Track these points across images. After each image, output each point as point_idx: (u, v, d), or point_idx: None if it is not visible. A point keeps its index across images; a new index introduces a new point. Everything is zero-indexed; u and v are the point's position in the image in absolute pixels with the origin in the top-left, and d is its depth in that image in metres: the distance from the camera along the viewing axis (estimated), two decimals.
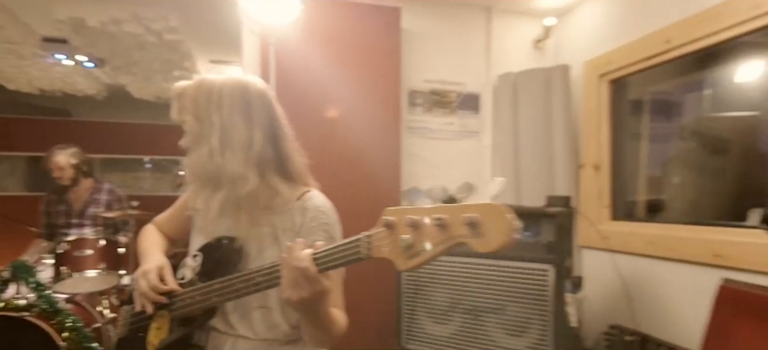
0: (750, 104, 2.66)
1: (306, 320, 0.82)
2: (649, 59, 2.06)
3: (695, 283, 1.88)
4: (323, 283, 0.73)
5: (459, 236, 0.56)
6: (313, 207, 0.92)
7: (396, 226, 0.62)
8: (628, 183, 2.48)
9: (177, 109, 0.92)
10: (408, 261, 0.60)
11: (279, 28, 1.73)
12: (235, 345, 0.92)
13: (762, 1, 1.56)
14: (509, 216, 0.53)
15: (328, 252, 0.73)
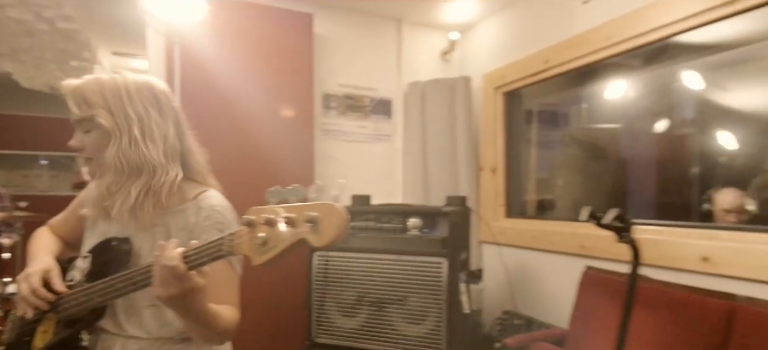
0: (615, 117, 3.11)
1: (180, 316, 0.83)
2: (533, 75, 2.34)
3: (567, 271, 2.18)
4: (193, 281, 0.75)
5: (302, 232, 0.63)
6: (208, 207, 0.93)
7: (255, 225, 0.68)
8: (521, 185, 2.79)
9: (76, 103, 0.90)
10: (262, 256, 0.66)
11: (184, 28, 1.72)
12: (126, 346, 0.91)
13: (613, 33, 1.87)
14: (342, 215, 0.61)
15: (198, 250, 0.76)
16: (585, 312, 2.00)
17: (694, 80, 2.94)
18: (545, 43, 2.27)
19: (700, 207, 2.82)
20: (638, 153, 3.22)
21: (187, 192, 0.95)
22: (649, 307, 1.71)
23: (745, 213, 2.48)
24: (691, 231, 1.70)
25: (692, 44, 2.36)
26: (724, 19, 1.56)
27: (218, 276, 0.91)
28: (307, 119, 2.42)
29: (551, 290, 2.33)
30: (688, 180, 3.17)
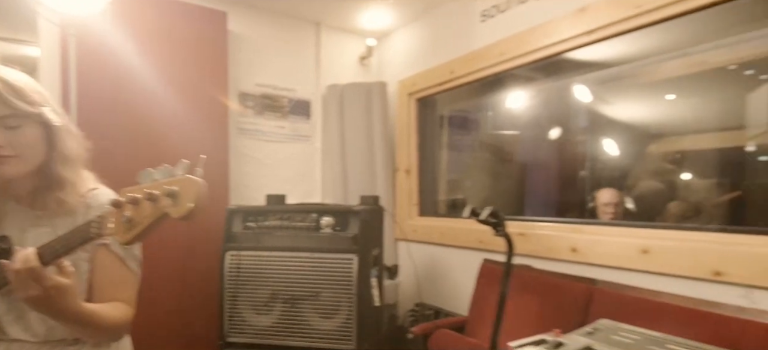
0: (517, 124, 3.45)
1: (52, 318, 0.81)
2: (440, 84, 2.54)
3: (470, 264, 2.39)
4: (54, 280, 0.74)
5: (164, 206, 0.65)
6: (98, 205, 0.93)
7: (122, 205, 0.69)
8: (433, 185, 2.99)
9: (12, 98, 0.85)
10: (126, 234, 0.68)
11: (81, 19, 1.64)
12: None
13: (506, 49, 2.10)
14: (199, 185, 0.65)
15: (57, 241, 0.75)
16: (481, 300, 2.22)
17: (583, 93, 3.35)
18: (451, 55, 2.47)
19: (586, 205, 3.22)
20: (537, 157, 3.59)
21: (75, 190, 0.93)
22: (529, 291, 1.95)
23: (620, 207, 2.90)
24: (562, 225, 1.97)
25: (582, 61, 2.70)
26: (601, 41, 1.82)
27: (111, 275, 0.92)
28: (221, 118, 2.40)
29: (457, 282, 2.54)
30: (578, 182, 3.59)
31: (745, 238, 1.38)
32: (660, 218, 2.91)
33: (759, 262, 1.31)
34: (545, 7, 1.94)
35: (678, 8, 1.47)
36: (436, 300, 2.66)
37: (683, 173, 3.26)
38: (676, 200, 3.12)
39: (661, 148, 3.45)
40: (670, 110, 3.36)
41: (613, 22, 1.66)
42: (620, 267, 1.69)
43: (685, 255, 1.48)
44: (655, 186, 3.26)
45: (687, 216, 2.91)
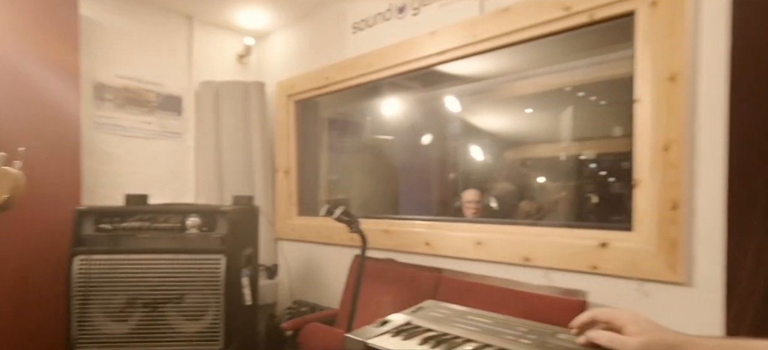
0: (395, 129, 3.71)
1: None
2: (317, 89, 2.64)
3: (343, 260, 2.53)
4: None
5: None
6: None
7: None
8: (314, 186, 3.08)
9: None
10: None
11: None
12: None
13: (373, 61, 2.28)
14: (14, 177, 0.70)
15: None
16: (350, 293, 2.38)
17: (453, 104, 3.73)
18: (326, 61, 2.59)
19: (454, 203, 3.59)
20: (412, 160, 3.90)
21: None
22: (391, 282, 2.16)
23: (481, 205, 3.29)
24: (418, 222, 2.21)
25: (452, 74, 3.02)
26: (450, 61, 2.07)
27: None
28: (70, 110, 2.18)
29: (332, 278, 2.66)
30: (448, 183, 3.99)
31: (547, 231, 1.72)
32: (514, 215, 3.39)
33: (555, 249, 1.65)
34: (406, 27, 2.16)
35: (501, 41, 1.77)
36: (313, 296, 2.76)
37: (533, 176, 3.82)
38: (526, 199, 3.65)
39: (516, 154, 4.00)
40: (522, 122, 3.91)
41: (456, 46, 1.93)
42: (461, 257, 1.96)
43: (506, 245, 1.79)
44: (509, 187, 3.77)
45: (532, 214, 3.43)
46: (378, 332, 0.96)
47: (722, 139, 1.26)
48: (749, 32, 1.18)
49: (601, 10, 1.46)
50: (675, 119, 1.31)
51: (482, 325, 1.03)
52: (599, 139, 2.85)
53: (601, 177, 2.71)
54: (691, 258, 1.35)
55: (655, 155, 1.36)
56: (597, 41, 1.99)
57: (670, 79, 1.32)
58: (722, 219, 1.27)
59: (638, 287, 1.47)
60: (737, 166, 1.23)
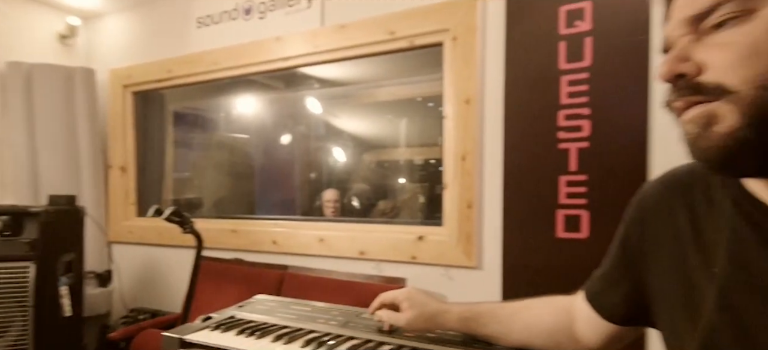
0: (257, 127, 3.67)
1: None
2: (158, 81, 2.48)
3: (187, 262, 2.42)
4: None
5: None
6: None
7: None
8: (157, 184, 2.87)
9: None
10: None
11: None
12: None
13: (220, 59, 2.25)
14: None
15: None
16: (195, 294, 2.31)
17: (315, 106, 3.83)
18: (168, 53, 2.45)
19: (314, 203, 3.69)
20: (271, 159, 3.90)
21: None
22: (237, 282, 2.16)
23: (339, 204, 3.45)
24: (266, 222, 2.26)
25: (316, 77, 3.09)
26: (302, 66, 2.16)
27: None
28: None
29: (175, 282, 2.53)
30: (308, 183, 4.08)
31: (378, 227, 1.94)
32: (371, 213, 3.63)
33: (385, 243, 1.87)
34: (252, 29, 2.18)
35: (340, 54, 1.93)
36: (155, 302, 2.58)
37: (389, 177, 4.14)
38: (383, 199, 3.94)
39: (374, 157, 4.28)
40: (380, 127, 4.21)
41: (301, 54, 2.03)
42: (306, 253, 2.07)
43: (345, 241, 1.96)
44: (366, 187, 4.03)
45: (386, 212, 3.73)
46: (197, 328, 0.99)
47: (500, 151, 1.60)
48: (516, 69, 1.54)
49: (419, 38, 1.72)
50: (470, 134, 1.62)
51: (301, 313, 1.13)
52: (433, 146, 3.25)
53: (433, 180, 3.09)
54: (481, 247, 1.68)
55: (456, 163, 1.66)
56: (437, 60, 2.30)
57: (466, 102, 1.62)
58: (500, 215, 1.61)
59: (445, 272, 1.76)
60: (510, 173, 1.58)
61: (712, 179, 0.54)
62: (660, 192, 0.62)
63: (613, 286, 0.68)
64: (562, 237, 1.50)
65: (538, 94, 1.49)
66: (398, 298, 0.88)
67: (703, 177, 0.55)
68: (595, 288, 0.72)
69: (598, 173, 1.42)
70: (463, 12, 1.62)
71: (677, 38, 0.47)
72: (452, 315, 0.83)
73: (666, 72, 0.46)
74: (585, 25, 1.40)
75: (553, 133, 1.47)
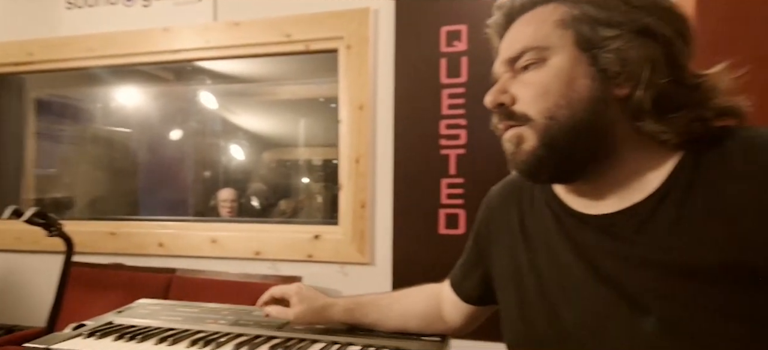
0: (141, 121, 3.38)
1: None
2: (16, 65, 2.18)
3: (55, 269, 2.16)
4: None
5: None
6: None
7: None
8: (14, 181, 2.50)
9: None
10: None
11: None
12: None
13: (96, 46, 2.05)
14: None
15: None
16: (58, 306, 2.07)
17: (211, 101, 3.64)
18: (29, 34, 2.16)
19: (209, 203, 3.51)
20: (161, 157, 3.62)
21: None
22: (117, 288, 2.00)
23: (236, 203, 3.33)
24: (151, 223, 2.12)
25: (210, 71, 2.93)
26: (192, 60, 2.06)
27: None
28: None
29: (40, 292, 2.24)
30: (203, 182, 3.87)
31: (274, 227, 1.96)
32: (273, 213, 3.56)
33: (281, 243, 1.89)
34: (135, 17, 2.02)
35: (234, 51, 1.91)
36: (13, 317, 2.26)
37: (291, 176, 4.10)
38: (284, 198, 3.89)
39: (275, 156, 4.20)
40: (282, 125, 4.15)
41: (192, 47, 1.95)
42: (197, 255, 2.00)
43: (240, 241, 1.94)
44: (264, 187, 3.94)
45: (287, 212, 3.69)
46: (67, 336, 0.93)
47: (391, 155, 1.73)
48: (405, 81, 1.68)
49: (315, 43, 1.77)
50: (363, 139, 1.73)
51: (189, 315, 1.11)
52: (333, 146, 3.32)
53: (333, 180, 3.17)
54: (373, 244, 1.80)
55: (351, 166, 1.75)
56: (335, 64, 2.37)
57: (360, 108, 1.72)
58: (391, 214, 1.74)
59: (340, 269, 1.84)
60: (399, 176, 1.72)
61: (535, 184, 0.69)
62: (501, 195, 0.77)
63: (470, 274, 0.82)
64: (443, 233, 1.67)
65: (423, 104, 1.64)
66: (288, 293, 0.92)
67: (529, 183, 0.70)
68: (456, 277, 0.86)
69: (472, 177, 1.62)
70: (357, 23, 1.72)
71: (501, 74, 0.60)
72: (338, 307, 0.90)
73: (490, 101, 0.59)
74: (462, 46, 1.59)
75: (436, 140, 1.64)
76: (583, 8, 0.53)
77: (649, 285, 0.50)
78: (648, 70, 0.50)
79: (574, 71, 0.54)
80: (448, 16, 1.58)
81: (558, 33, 0.54)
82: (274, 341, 0.85)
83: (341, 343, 0.83)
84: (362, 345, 0.82)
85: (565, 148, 0.55)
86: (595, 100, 0.53)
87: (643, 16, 0.51)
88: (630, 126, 0.54)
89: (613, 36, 0.51)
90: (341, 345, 0.82)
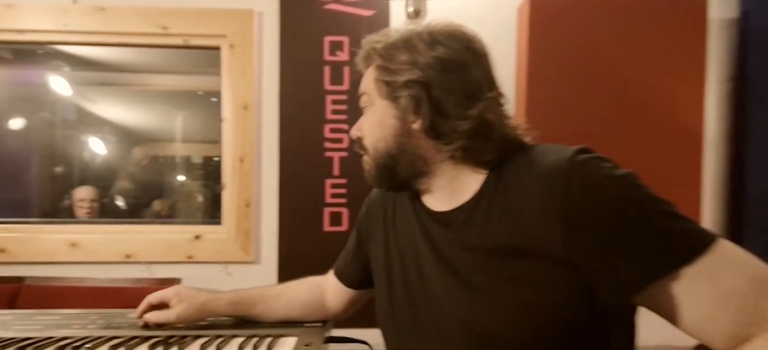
0: None
1: None
2: None
3: None
4: None
5: None
6: None
7: None
8: None
9: None
10: None
11: None
12: None
13: None
14: None
15: None
16: None
17: (65, 87, 3.18)
18: None
19: (62, 203, 3.08)
20: None
21: None
22: None
23: (96, 203, 2.97)
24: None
25: (69, 54, 2.55)
26: (46, 44, 1.82)
27: None
28: None
29: None
30: (53, 180, 3.37)
31: (149, 228, 1.85)
32: (145, 214, 3.25)
33: (156, 244, 1.79)
34: None
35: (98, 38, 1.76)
36: None
37: (167, 174, 3.78)
38: (158, 198, 3.58)
39: (148, 151, 3.84)
40: (155, 119, 3.81)
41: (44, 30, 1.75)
42: (51, 261, 1.79)
43: (107, 244, 1.79)
44: (133, 185, 3.60)
45: (161, 213, 3.41)
46: None
47: (277, 156, 1.78)
48: (290, 85, 1.75)
49: (195, 39, 1.73)
50: (248, 138, 1.74)
51: (49, 322, 1.02)
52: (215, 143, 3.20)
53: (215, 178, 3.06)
54: (259, 242, 1.82)
55: (235, 165, 1.75)
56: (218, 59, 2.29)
57: (244, 108, 1.73)
58: (277, 213, 1.79)
59: (224, 269, 1.82)
60: (285, 176, 1.77)
61: None
62: (378, 195, 0.90)
63: (352, 262, 0.93)
64: (328, 230, 1.78)
65: (308, 108, 1.73)
66: (166, 296, 0.92)
67: None
68: (340, 266, 0.97)
69: (354, 178, 1.75)
70: (241, 23, 1.72)
71: (362, 109, 0.77)
72: (221, 301, 0.93)
73: (352, 133, 0.78)
74: (344, 56, 1.71)
75: (320, 142, 1.74)
76: (380, 70, 0.70)
77: (470, 263, 0.66)
78: (430, 107, 0.67)
79: (384, 114, 0.71)
80: (331, 27, 1.68)
81: (373, 86, 0.72)
82: (152, 340, 0.83)
83: (226, 336, 0.84)
84: (247, 336, 0.85)
85: (389, 168, 0.72)
86: (401, 134, 0.70)
87: (428, 67, 0.66)
88: (436, 148, 0.69)
89: (402, 84, 0.68)
90: (225, 338, 0.83)
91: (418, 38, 0.69)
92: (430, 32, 0.69)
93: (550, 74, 1.65)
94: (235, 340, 0.83)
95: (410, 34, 0.70)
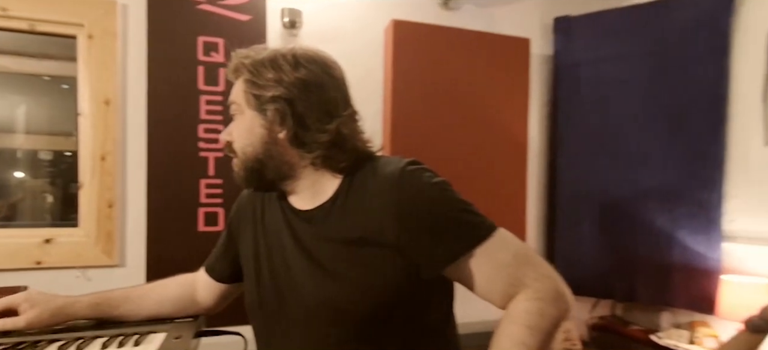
0: None
1: None
2: None
3: None
4: None
5: None
6: None
7: None
8: None
9: None
10: None
11: None
12: None
13: None
14: None
15: None
16: None
17: None
18: None
19: None
20: None
21: None
22: None
23: None
24: None
25: None
26: None
27: None
28: None
29: None
30: None
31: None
32: None
33: None
34: None
35: None
36: None
37: (7, 170, 3.21)
38: None
39: None
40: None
41: None
42: None
43: None
44: None
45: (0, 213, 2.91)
46: None
47: (144, 155, 1.71)
48: (159, 82, 1.70)
49: (43, 24, 1.58)
50: (110, 135, 1.64)
51: None
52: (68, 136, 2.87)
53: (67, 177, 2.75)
54: (123, 244, 1.73)
55: (95, 163, 1.64)
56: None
57: (106, 103, 1.63)
58: (145, 214, 1.72)
59: (81, 274, 1.69)
60: (154, 176, 1.71)
61: None
62: (248, 195, 0.98)
63: (223, 258, 0.99)
64: (203, 230, 1.77)
65: (181, 107, 1.69)
66: (14, 302, 0.87)
67: None
68: (211, 262, 1.02)
69: (230, 178, 1.74)
70: (102, 13, 1.62)
71: (232, 115, 0.84)
72: (82, 304, 0.90)
73: (222, 137, 0.84)
74: (219, 57, 1.72)
75: (194, 142, 1.72)
76: (248, 83, 0.78)
77: (329, 252, 0.79)
78: (293, 120, 0.77)
79: (252, 123, 0.79)
80: (205, 28, 1.68)
81: (242, 97, 0.80)
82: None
83: (87, 337, 0.81)
84: (110, 335, 0.83)
85: (256, 171, 0.80)
86: (268, 141, 0.78)
87: (292, 85, 0.76)
88: (299, 155, 0.80)
89: (269, 99, 0.77)
90: (86, 339, 0.80)
91: (283, 59, 0.79)
92: (294, 55, 0.80)
93: (411, 89, 1.90)
94: (98, 340, 0.81)
95: (276, 54, 0.80)
